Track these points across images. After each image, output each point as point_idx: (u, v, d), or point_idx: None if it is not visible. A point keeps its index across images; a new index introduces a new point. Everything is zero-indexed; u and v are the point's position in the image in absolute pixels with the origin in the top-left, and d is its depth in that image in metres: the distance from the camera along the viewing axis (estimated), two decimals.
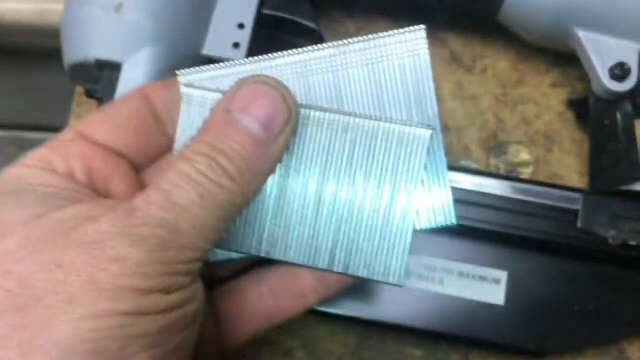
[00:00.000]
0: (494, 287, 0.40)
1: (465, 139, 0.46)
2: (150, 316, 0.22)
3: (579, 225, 0.40)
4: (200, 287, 0.26)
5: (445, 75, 0.48)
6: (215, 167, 0.25)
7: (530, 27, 0.43)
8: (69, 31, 0.40)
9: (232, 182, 0.25)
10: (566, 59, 0.46)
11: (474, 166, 0.45)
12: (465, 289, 0.40)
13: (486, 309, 0.40)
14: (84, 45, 0.39)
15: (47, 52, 0.47)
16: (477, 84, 0.47)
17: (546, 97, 0.47)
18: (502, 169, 0.45)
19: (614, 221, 0.40)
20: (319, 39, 0.41)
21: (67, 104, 0.48)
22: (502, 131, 0.46)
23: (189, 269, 0.24)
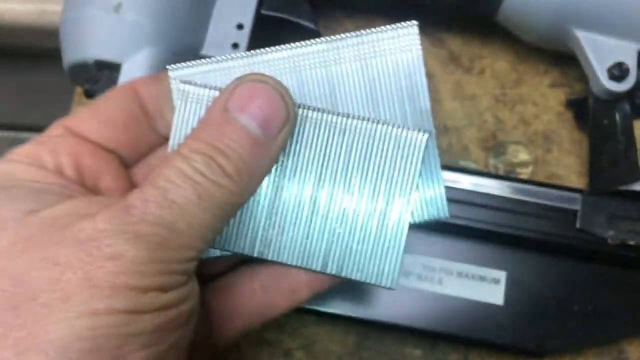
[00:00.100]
0: (493, 287, 0.40)
1: (464, 139, 0.46)
2: (147, 315, 0.22)
3: (578, 225, 0.40)
4: (195, 285, 0.25)
5: (444, 75, 0.48)
6: (213, 165, 0.24)
7: (528, 28, 0.43)
8: (68, 32, 0.40)
9: (230, 181, 0.25)
10: (565, 59, 0.46)
11: (473, 166, 0.45)
12: (464, 289, 0.40)
13: (485, 309, 0.40)
14: (84, 45, 0.39)
15: (47, 53, 0.47)
16: (476, 84, 0.47)
17: (545, 98, 0.47)
18: (501, 169, 0.45)
19: (613, 221, 0.40)
20: None
21: (66, 105, 0.48)
22: (501, 131, 0.46)
23: (185, 268, 0.24)
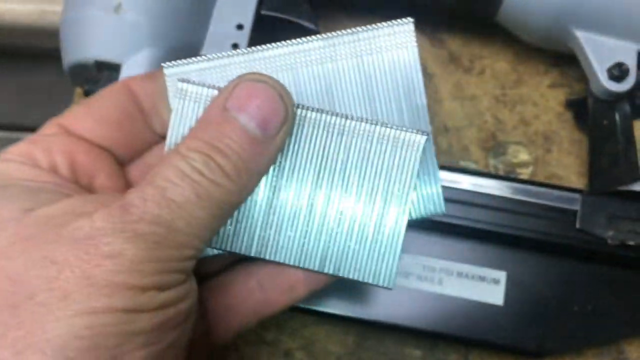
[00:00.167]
0: (493, 287, 0.40)
1: (464, 139, 0.46)
2: (145, 313, 0.22)
3: (577, 225, 0.40)
4: (194, 284, 0.25)
5: (443, 75, 0.48)
6: (211, 164, 0.24)
7: (528, 28, 0.43)
8: (68, 32, 0.40)
9: (228, 180, 0.25)
10: (565, 59, 0.46)
11: (472, 166, 0.45)
12: (464, 289, 0.40)
13: (485, 309, 0.40)
14: (83, 45, 0.39)
15: (47, 53, 0.47)
16: (476, 85, 0.47)
17: (545, 98, 0.47)
18: (501, 169, 0.45)
19: (613, 221, 0.40)
20: None
21: (66, 105, 0.48)
22: (500, 131, 0.46)
23: (184, 266, 0.24)
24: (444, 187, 0.40)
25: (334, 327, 0.42)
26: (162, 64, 0.28)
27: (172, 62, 0.28)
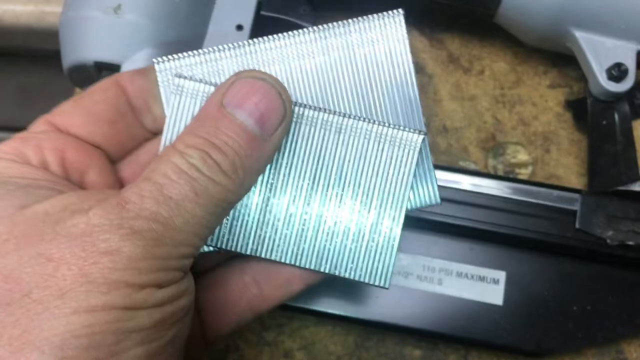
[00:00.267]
0: (492, 287, 0.40)
1: (463, 139, 0.46)
2: (143, 311, 0.22)
3: (577, 225, 0.40)
4: (191, 281, 0.25)
5: (443, 76, 0.48)
6: (209, 161, 0.24)
7: (527, 28, 0.43)
8: (67, 33, 0.40)
9: (225, 177, 0.24)
10: (563, 59, 0.46)
11: (472, 167, 0.45)
12: (463, 289, 0.40)
13: (485, 309, 0.40)
14: (83, 46, 0.39)
15: (46, 54, 0.47)
16: (475, 85, 0.47)
17: (544, 98, 0.47)
18: (500, 170, 0.45)
19: (612, 221, 0.40)
20: None
21: None
22: (500, 132, 0.46)
23: (181, 264, 0.24)
24: (444, 187, 0.40)
25: (334, 327, 0.42)
26: (153, 59, 0.28)
27: (163, 57, 0.28)
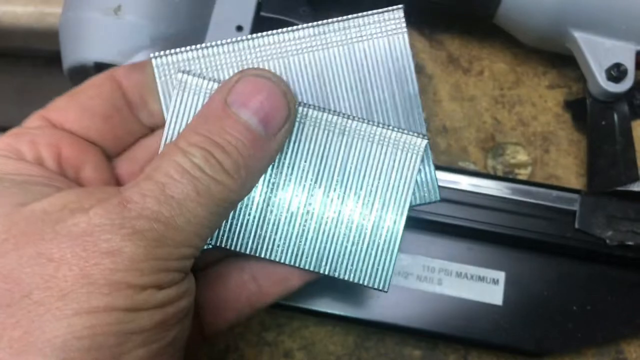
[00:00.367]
0: (492, 287, 0.40)
1: (463, 140, 0.46)
2: (145, 312, 0.22)
3: (576, 225, 0.40)
4: (192, 281, 0.25)
5: (442, 76, 0.48)
6: (212, 161, 0.24)
7: (526, 29, 0.43)
8: (67, 34, 0.40)
9: (228, 177, 0.24)
10: (563, 60, 0.46)
11: (471, 167, 0.46)
12: (463, 289, 0.40)
13: (484, 309, 0.40)
14: (83, 47, 0.39)
15: (46, 55, 0.47)
16: (474, 86, 0.48)
17: (543, 98, 0.47)
18: (500, 170, 0.46)
19: (611, 222, 0.40)
20: None
21: None
22: (499, 132, 0.46)
23: (182, 264, 0.24)
24: (444, 188, 0.40)
25: (334, 327, 0.42)
26: (151, 54, 0.28)
27: (160, 51, 0.28)
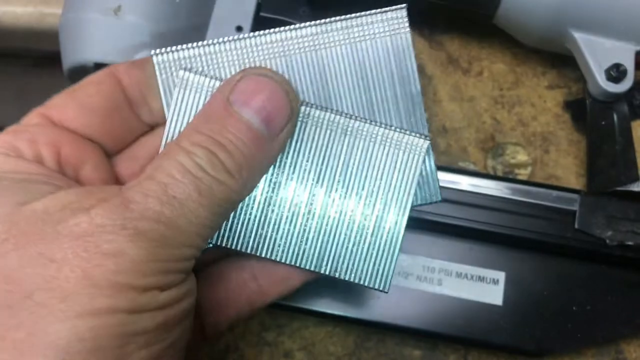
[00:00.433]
0: (492, 287, 0.40)
1: (462, 140, 0.46)
2: (147, 313, 0.22)
3: (576, 226, 0.40)
4: (193, 282, 0.25)
5: (442, 77, 0.48)
6: (214, 161, 0.24)
7: (526, 30, 0.43)
8: (67, 34, 0.40)
9: (230, 177, 0.24)
10: (562, 60, 0.47)
11: (471, 167, 0.46)
12: (463, 289, 0.40)
13: (484, 310, 0.40)
14: (83, 48, 0.39)
15: (46, 55, 0.47)
16: (474, 86, 0.48)
17: (543, 99, 0.47)
18: (500, 170, 0.46)
19: (611, 222, 0.40)
20: None
21: None
22: (499, 132, 0.46)
23: (184, 266, 0.24)
24: (443, 188, 0.40)
25: (334, 327, 0.42)
26: (151, 51, 0.27)
27: (161, 48, 0.27)
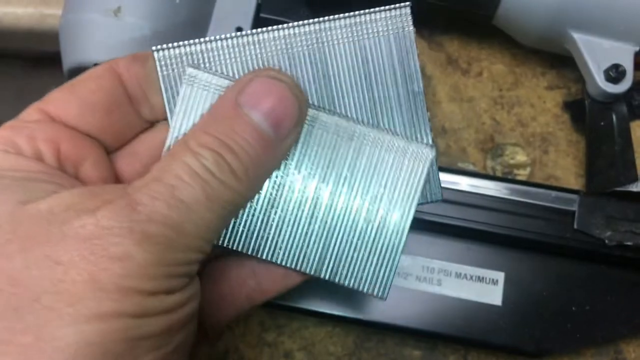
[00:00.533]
0: (491, 287, 0.41)
1: (462, 141, 0.46)
2: (153, 317, 0.22)
3: (575, 226, 0.40)
4: (197, 285, 0.25)
5: (441, 78, 0.48)
6: (222, 164, 0.23)
7: (525, 30, 0.43)
8: (67, 35, 0.40)
9: (236, 181, 0.24)
10: (561, 60, 0.47)
11: (471, 168, 0.46)
12: (462, 289, 0.40)
13: (484, 310, 0.40)
14: (83, 49, 0.39)
15: (46, 56, 0.48)
16: (473, 87, 0.48)
17: (542, 99, 0.47)
18: (499, 171, 0.46)
19: (610, 222, 0.40)
20: None
21: None
22: (498, 133, 0.47)
23: (190, 270, 0.24)
24: (443, 188, 0.40)
25: (334, 328, 0.43)
26: (152, 47, 0.27)
27: (162, 45, 0.27)
